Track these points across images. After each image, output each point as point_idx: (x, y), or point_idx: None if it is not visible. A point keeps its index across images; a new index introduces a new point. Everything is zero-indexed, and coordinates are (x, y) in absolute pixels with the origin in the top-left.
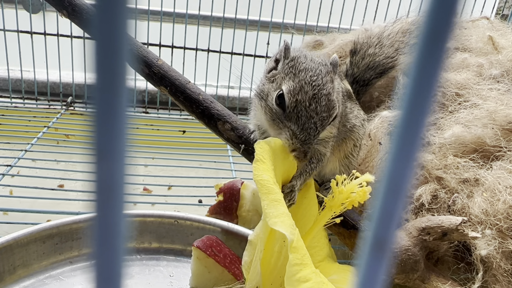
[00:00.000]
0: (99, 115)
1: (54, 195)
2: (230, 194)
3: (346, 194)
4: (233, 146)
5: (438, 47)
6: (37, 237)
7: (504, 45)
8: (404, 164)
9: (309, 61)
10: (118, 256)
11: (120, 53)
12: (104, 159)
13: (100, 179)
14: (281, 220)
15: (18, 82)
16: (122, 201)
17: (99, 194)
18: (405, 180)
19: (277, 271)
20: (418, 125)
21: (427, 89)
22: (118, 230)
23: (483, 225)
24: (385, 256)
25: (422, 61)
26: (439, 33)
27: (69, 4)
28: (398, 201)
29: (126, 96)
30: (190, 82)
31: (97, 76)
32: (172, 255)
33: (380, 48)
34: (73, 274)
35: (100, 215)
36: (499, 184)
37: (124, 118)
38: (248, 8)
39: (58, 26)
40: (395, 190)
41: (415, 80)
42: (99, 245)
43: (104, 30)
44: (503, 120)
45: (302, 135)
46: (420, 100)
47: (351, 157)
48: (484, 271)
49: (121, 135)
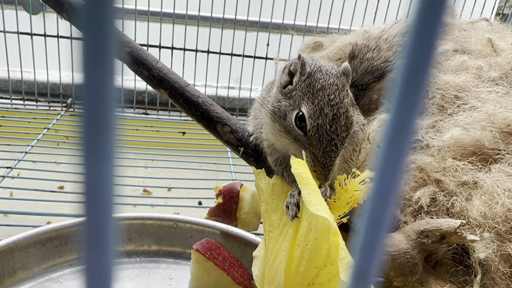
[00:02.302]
0: (87, 115)
1: (54, 197)
2: (229, 196)
3: (351, 193)
4: (232, 149)
5: (427, 45)
6: (37, 240)
7: (503, 47)
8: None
9: (325, 75)
10: (108, 260)
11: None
12: (93, 159)
13: (89, 180)
14: (323, 208)
15: (18, 83)
16: (111, 203)
17: (87, 196)
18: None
19: (299, 277)
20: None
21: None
22: (107, 233)
23: (482, 228)
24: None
25: (411, 60)
26: (428, 30)
27: (68, 7)
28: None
29: (114, 95)
30: (190, 84)
31: (85, 75)
32: (171, 257)
33: (378, 52)
34: (73, 277)
35: (89, 217)
36: (497, 187)
37: (112, 118)
38: (248, 9)
39: (58, 27)
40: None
41: (404, 80)
42: (89, 249)
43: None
44: (502, 123)
45: (323, 159)
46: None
47: (350, 161)
48: (483, 274)
49: (110, 135)
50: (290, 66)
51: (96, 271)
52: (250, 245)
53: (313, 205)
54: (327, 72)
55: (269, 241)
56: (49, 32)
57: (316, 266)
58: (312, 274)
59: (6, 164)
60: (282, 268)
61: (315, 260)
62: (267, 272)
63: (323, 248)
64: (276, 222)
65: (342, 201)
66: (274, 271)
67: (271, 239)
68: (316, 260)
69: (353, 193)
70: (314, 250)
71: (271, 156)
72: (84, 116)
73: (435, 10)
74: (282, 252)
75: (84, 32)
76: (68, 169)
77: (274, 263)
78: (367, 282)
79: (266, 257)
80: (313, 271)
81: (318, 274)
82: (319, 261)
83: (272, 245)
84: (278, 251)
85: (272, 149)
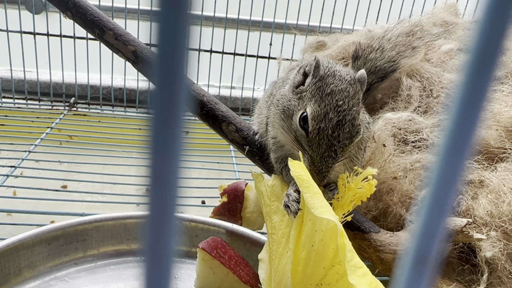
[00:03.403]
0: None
1: (58, 196)
2: (234, 195)
3: (354, 191)
4: (237, 148)
5: (488, 67)
6: (42, 239)
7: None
8: (449, 181)
9: (338, 81)
10: (168, 256)
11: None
12: (160, 158)
13: (156, 175)
14: (327, 210)
15: (21, 83)
16: (175, 198)
17: (153, 190)
18: (449, 197)
19: (307, 278)
20: (465, 141)
21: (476, 108)
22: (170, 227)
23: (488, 227)
24: (427, 272)
25: (472, 80)
26: (490, 51)
27: (73, 6)
28: (442, 218)
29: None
30: (194, 83)
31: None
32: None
33: (381, 53)
34: (78, 276)
35: (153, 212)
36: (503, 186)
37: (181, 122)
38: (250, 8)
39: (61, 26)
40: (439, 207)
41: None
42: (151, 243)
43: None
44: (507, 121)
45: (319, 164)
46: (469, 116)
47: (355, 160)
48: (489, 273)
49: (178, 136)
50: (306, 67)
51: (156, 268)
52: (256, 244)
53: (317, 208)
54: (340, 78)
55: (272, 243)
56: (52, 31)
57: (323, 267)
58: (320, 274)
59: (9, 163)
60: (288, 270)
61: (322, 260)
62: (273, 275)
63: (330, 249)
64: (278, 224)
65: (346, 200)
66: (280, 273)
67: (275, 241)
68: (323, 260)
69: (356, 191)
70: (321, 251)
71: (275, 153)
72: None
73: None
74: (286, 254)
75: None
76: (71, 168)
77: (279, 265)
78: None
79: (271, 260)
80: (321, 272)
81: (326, 275)
82: (326, 262)
83: (276, 247)
84: (282, 253)
85: (277, 146)
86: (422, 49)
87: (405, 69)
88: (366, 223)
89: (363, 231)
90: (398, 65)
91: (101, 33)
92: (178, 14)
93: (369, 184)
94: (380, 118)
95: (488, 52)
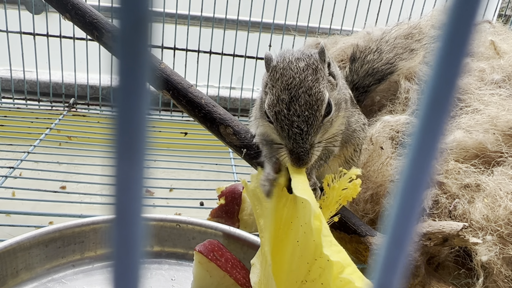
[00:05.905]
0: (121, 116)
1: (57, 197)
2: (231, 197)
3: (339, 191)
4: (235, 150)
5: (458, 50)
6: (40, 241)
7: (506, 50)
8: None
9: (287, 62)
10: (136, 259)
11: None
12: (125, 159)
13: (120, 179)
14: (308, 194)
15: (21, 83)
16: (141, 201)
17: (118, 194)
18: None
19: (292, 276)
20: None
21: (446, 97)
22: (136, 231)
23: (484, 231)
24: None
25: (441, 66)
26: (460, 35)
27: (72, 8)
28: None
29: (147, 98)
30: (192, 86)
31: (120, 79)
32: (174, 258)
33: (379, 55)
34: (76, 278)
35: (119, 216)
36: (500, 190)
37: (144, 120)
38: (250, 9)
39: (60, 27)
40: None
41: (433, 87)
42: (118, 248)
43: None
44: (504, 125)
45: (291, 145)
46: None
47: (351, 162)
48: (485, 277)
49: (142, 136)
50: None
51: (124, 270)
52: (253, 246)
53: (299, 190)
54: (290, 60)
55: (262, 246)
56: (51, 32)
57: (307, 262)
58: (304, 270)
59: (8, 164)
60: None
61: (306, 255)
62: (263, 277)
63: (311, 241)
64: (263, 227)
65: (331, 200)
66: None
67: (263, 244)
68: (306, 255)
69: (341, 192)
70: (304, 245)
71: (264, 146)
72: (118, 118)
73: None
74: (270, 255)
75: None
76: (70, 169)
77: (266, 267)
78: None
79: (261, 263)
80: (305, 268)
81: (310, 270)
82: (309, 256)
83: (264, 250)
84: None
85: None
86: (420, 51)
87: (404, 72)
88: (363, 227)
89: (360, 234)
90: (396, 67)
91: (100, 35)
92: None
93: (353, 185)
94: (378, 120)
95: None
